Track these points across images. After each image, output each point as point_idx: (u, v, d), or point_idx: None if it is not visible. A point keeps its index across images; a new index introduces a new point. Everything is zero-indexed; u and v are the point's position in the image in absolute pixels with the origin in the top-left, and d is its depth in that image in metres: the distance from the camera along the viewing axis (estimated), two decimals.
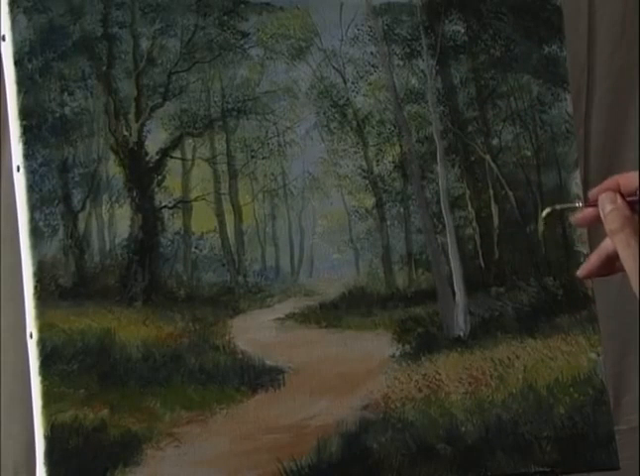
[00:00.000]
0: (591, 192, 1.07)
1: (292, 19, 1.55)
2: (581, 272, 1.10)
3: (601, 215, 1.05)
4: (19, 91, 1.43)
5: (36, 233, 1.42)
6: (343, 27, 1.56)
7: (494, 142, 1.60)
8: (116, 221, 1.47)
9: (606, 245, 1.07)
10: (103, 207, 1.46)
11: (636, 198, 1.05)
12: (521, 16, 1.62)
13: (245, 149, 1.52)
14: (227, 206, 1.51)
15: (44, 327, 1.40)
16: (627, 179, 1.06)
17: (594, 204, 1.06)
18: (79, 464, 1.39)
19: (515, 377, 1.53)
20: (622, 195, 1.05)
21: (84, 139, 1.46)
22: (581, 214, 1.08)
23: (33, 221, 1.42)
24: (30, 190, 1.42)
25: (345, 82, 1.56)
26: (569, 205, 1.11)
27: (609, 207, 1.04)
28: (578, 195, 1.60)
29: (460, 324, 1.54)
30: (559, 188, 1.61)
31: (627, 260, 1.03)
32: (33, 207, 1.42)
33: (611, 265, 1.07)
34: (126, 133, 1.48)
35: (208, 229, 1.50)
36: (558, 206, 1.14)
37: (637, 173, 1.07)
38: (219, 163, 1.52)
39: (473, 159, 1.59)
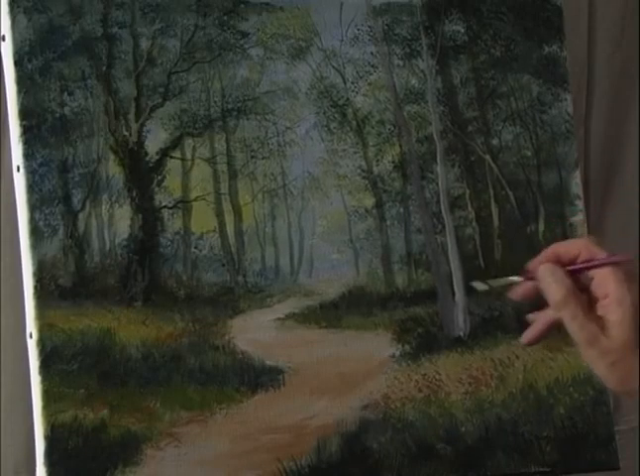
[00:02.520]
0: (530, 265, 1.06)
1: (292, 19, 1.55)
2: (525, 339, 1.07)
3: (542, 288, 1.04)
4: (19, 91, 1.43)
5: (36, 233, 1.42)
6: (343, 27, 1.56)
7: (494, 142, 1.60)
8: (116, 221, 1.47)
9: (550, 313, 1.05)
10: (103, 207, 1.46)
11: (577, 267, 1.03)
12: (521, 16, 1.62)
13: (245, 149, 1.52)
14: (227, 206, 1.51)
15: (44, 327, 1.40)
16: (565, 248, 1.05)
17: (533, 277, 1.05)
18: (79, 464, 1.39)
19: (515, 377, 1.53)
20: (562, 265, 1.03)
21: (84, 139, 1.46)
22: (520, 289, 1.06)
23: (33, 221, 1.42)
24: (30, 190, 1.42)
25: (345, 82, 1.56)
26: (507, 281, 1.07)
27: (549, 280, 1.03)
28: (577, 196, 1.60)
29: (460, 324, 1.54)
30: (559, 188, 1.60)
31: (575, 332, 1.02)
32: (33, 207, 1.42)
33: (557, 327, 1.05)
34: (126, 133, 1.48)
35: (208, 229, 1.50)
36: (491, 282, 1.11)
37: (575, 241, 1.07)
38: (219, 163, 1.52)
39: (473, 159, 1.59)
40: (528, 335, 1.07)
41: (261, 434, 1.45)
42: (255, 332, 1.50)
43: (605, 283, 1.02)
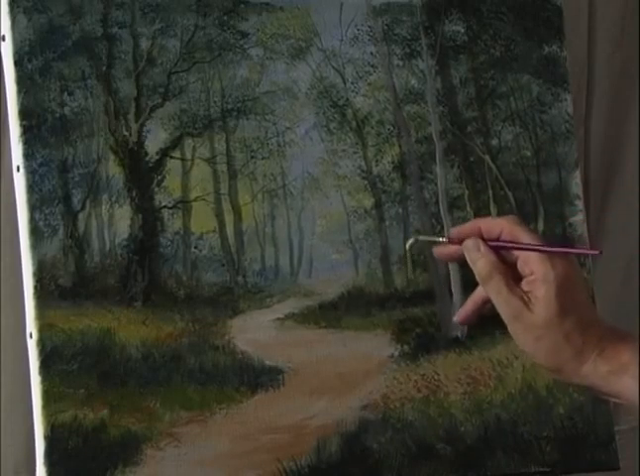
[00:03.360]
0: (453, 231, 1.09)
1: (292, 19, 1.55)
2: (457, 317, 1.12)
3: (469, 261, 1.07)
4: (19, 91, 1.43)
5: (36, 233, 1.42)
6: (343, 27, 1.56)
7: (494, 142, 1.60)
8: (116, 221, 1.47)
9: (480, 291, 1.09)
10: (103, 207, 1.46)
11: (499, 244, 1.06)
12: (521, 16, 1.62)
13: (244, 149, 1.52)
14: (226, 206, 1.51)
15: (44, 327, 1.40)
16: (488, 225, 1.08)
17: (457, 243, 1.08)
18: (79, 464, 1.39)
19: (514, 377, 1.53)
20: (484, 240, 1.07)
21: (84, 139, 1.46)
22: (445, 250, 1.09)
23: (33, 221, 1.42)
24: (30, 190, 1.43)
25: (344, 82, 1.56)
26: (433, 239, 1.10)
27: (476, 255, 1.06)
28: (577, 196, 1.60)
29: (458, 325, 1.53)
30: (559, 188, 1.60)
31: (500, 306, 1.05)
32: (33, 207, 1.42)
33: (487, 307, 1.09)
34: (126, 133, 1.48)
35: (208, 229, 1.50)
36: (421, 237, 1.15)
37: (497, 219, 1.10)
38: (219, 163, 1.52)
39: (472, 159, 1.59)
40: (460, 313, 1.12)
41: (261, 434, 1.45)
42: (254, 332, 1.50)
43: (530, 260, 1.04)
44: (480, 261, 1.06)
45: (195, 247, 1.49)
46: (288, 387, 1.48)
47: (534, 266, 1.04)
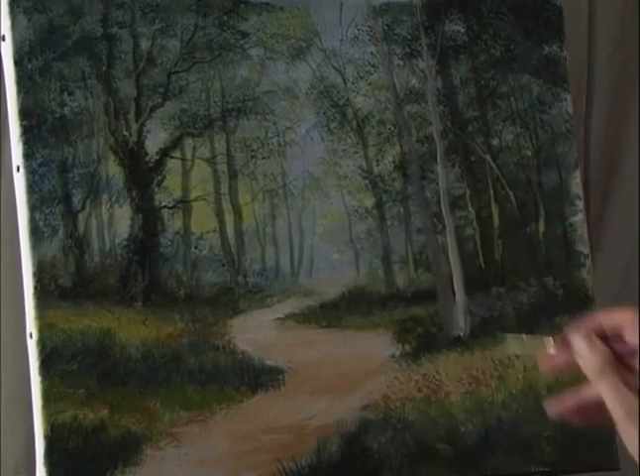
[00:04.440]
0: (569, 333, 0.98)
1: (292, 19, 1.55)
2: (551, 410, 1.00)
3: (578, 357, 0.96)
4: (19, 91, 1.43)
5: (36, 233, 1.42)
6: (343, 27, 1.56)
7: (494, 142, 1.60)
8: (116, 221, 1.47)
9: (585, 390, 0.98)
10: (103, 207, 1.46)
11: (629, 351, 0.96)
12: (521, 16, 1.62)
13: (245, 149, 1.52)
14: (227, 206, 1.51)
15: (44, 327, 1.40)
16: (607, 319, 0.97)
17: (567, 344, 0.97)
18: (79, 464, 1.39)
19: (515, 377, 1.52)
20: (603, 338, 0.96)
21: (84, 139, 1.46)
22: (552, 361, 0.99)
23: (33, 221, 1.42)
24: (30, 190, 1.42)
25: (345, 82, 1.56)
26: (542, 340, 0.99)
27: (585, 348, 0.96)
28: (577, 196, 1.60)
29: (460, 324, 1.54)
30: (559, 188, 1.61)
31: (614, 406, 0.94)
32: (33, 207, 1.42)
33: (586, 414, 0.99)
34: (126, 133, 1.48)
35: (208, 229, 1.50)
36: (528, 342, 1.03)
37: (618, 312, 0.97)
38: (219, 163, 1.52)
39: (473, 159, 1.59)
40: (555, 406, 1.01)
41: (261, 434, 1.45)
42: (255, 332, 1.50)
43: None
44: (591, 355, 0.95)
45: (195, 247, 1.49)
46: (289, 387, 1.48)
47: None
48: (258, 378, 1.47)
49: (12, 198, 1.45)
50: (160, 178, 1.49)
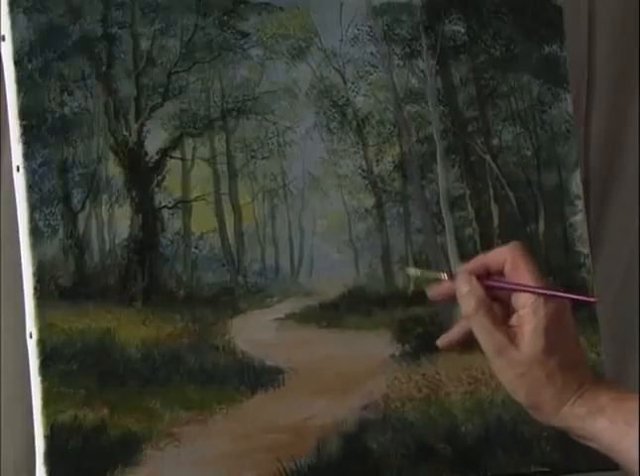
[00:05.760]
0: (460, 269, 1.07)
1: (292, 19, 1.55)
2: (441, 342, 1.11)
3: (457, 297, 1.05)
4: (19, 91, 1.43)
5: (36, 233, 1.42)
6: (343, 27, 1.56)
7: (494, 142, 1.60)
8: (116, 221, 1.47)
9: (465, 321, 1.07)
10: (103, 207, 1.46)
11: (493, 283, 1.05)
12: (521, 16, 1.62)
13: (245, 149, 1.52)
14: (227, 206, 1.51)
15: (44, 327, 1.40)
16: (492, 258, 1.06)
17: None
18: (79, 464, 1.39)
19: None
20: (479, 277, 1.05)
21: (84, 139, 1.46)
22: (438, 289, 1.08)
23: (33, 221, 1.42)
24: (30, 190, 1.42)
25: (345, 82, 1.56)
26: (434, 275, 1.09)
27: (463, 290, 1.04)
28: (577, 196, 1.60)
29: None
30: (559, 188, 1.61)
31: (483, 342, 1.04)
32: (33, 207, 1.42)
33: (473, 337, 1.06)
34: (126, 133, 1.48)
35: (208, 229, 1.50)
36: (423, 273, 1.16)
37: (500, 250, 1.06)
38: (219, 163, 1.52)
39: (473, 159, 1.59)
40: (444, 340, 1.10)
41: (261, 434, 1.45)
42: (255, 332, 1.50)
43: (523, 293, 1.03)
44: (466, 297, 1.04)
45: (195, 247, 1.49)
46: (289, 387, 1.48)
47: (526, 299, 1.03)
48: (258, 378, 1.47)
49: (12, 198, 1.44)
50: (159, 177, 1.49)
